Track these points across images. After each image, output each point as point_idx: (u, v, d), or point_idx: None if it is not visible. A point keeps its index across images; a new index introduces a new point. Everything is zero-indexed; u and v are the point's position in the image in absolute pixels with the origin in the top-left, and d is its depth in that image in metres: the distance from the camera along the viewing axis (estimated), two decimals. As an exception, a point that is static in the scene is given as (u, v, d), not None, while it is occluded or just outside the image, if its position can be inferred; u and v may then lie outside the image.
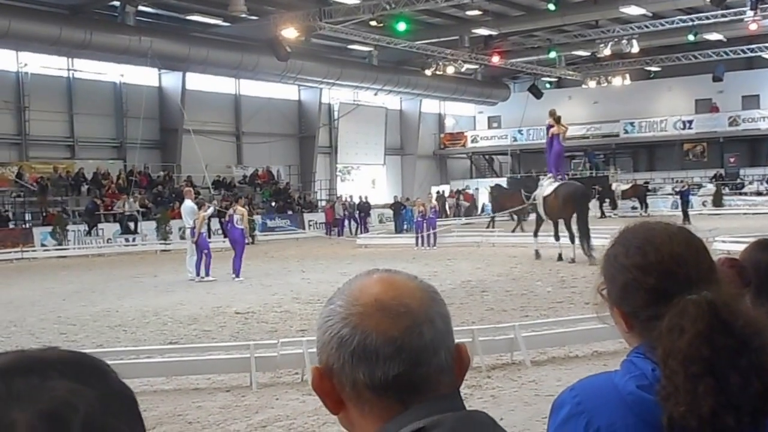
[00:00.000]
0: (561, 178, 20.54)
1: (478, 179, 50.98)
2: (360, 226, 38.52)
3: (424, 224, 27.04)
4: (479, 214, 43.41)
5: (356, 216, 39.15)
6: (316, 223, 37.96)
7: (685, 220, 28.11)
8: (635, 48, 38.73)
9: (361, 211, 39.52)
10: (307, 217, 38.34)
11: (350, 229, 37.87)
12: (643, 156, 51.27)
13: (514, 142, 51.36)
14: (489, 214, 36.47)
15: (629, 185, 42.68)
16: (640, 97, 47.89)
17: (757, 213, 36.42)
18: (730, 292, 1.52)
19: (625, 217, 32.45)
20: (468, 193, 47.22)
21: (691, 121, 47.18)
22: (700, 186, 43.72)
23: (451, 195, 46.56)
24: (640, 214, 37.22)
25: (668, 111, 48.03)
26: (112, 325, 12.37)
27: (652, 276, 1.53)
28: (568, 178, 23.62)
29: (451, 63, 41.40)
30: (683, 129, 47.24)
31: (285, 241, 32.51)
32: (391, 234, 33.48)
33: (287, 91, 42.93)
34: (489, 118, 55.02)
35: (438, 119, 54.31)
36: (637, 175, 47.90)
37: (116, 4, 32.10)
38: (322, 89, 42.88)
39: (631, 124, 48.48)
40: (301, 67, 37.53)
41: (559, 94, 50.09)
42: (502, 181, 42.90)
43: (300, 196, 40.72)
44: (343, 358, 1.11)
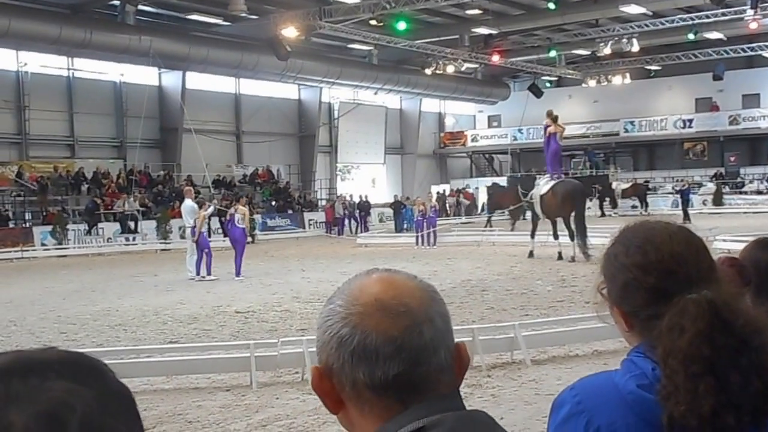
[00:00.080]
0: (557, 177, 20.55)
1: (478, 178, 50.94)
2: (360, 225, 38.53)
3: (424, 223, 27.05)
4: (479, 213, 43.40)
5: (356, 215, 39.16)
6: (316, 223, 37.99)
7: (686, 219, 28.13)
8: (635, 47, 38.74)
9: (361, 210, 39.53)
10: (307, 216, 38.35)
11: (350, 229, 37.87)
12: (644, 155, 51.27)
13: (514, 141, 51.35)
14: (488, 214, 36.45)
15: (629, 184, 42.65)
16: (641, 96, 47.88)
17: (757, 212, 36.40)
18: (731, 291, 1.51)
19: (626, 216, 32.52)
20: (468, 192, 47.24)
21: (691, 120, 47.17)
22: (701, 185, 43.70)
23: (452, 194, 46.59)
24: (641, 213, 37.20)
25: (668, 110, 48.02)
26: (112, 324, 12.37)
27: (652, 275, 1.53)
28: (564, 176, 23.60)
29: (451, 62, 41.39)
30: (683, 128, 47.24)
31: (285, 241, 32.51)
32: (391, 233, 33.48)
33: (287, 91, 42.93)
34: (489, 117, 55.00)
35: (438, 118, 54.28)
36: (638, 174, 47.90)
37: (116, 3, 32.09)
38: (322, 88, 42.88)
39: (632, 123, 48.46)
40: (301, 67, 37.54)
41: (559, 93, 50.11)
42: (502, 180, 42.90)
43: (300, 196, 40.72)
44: (343, 357, 1.11)
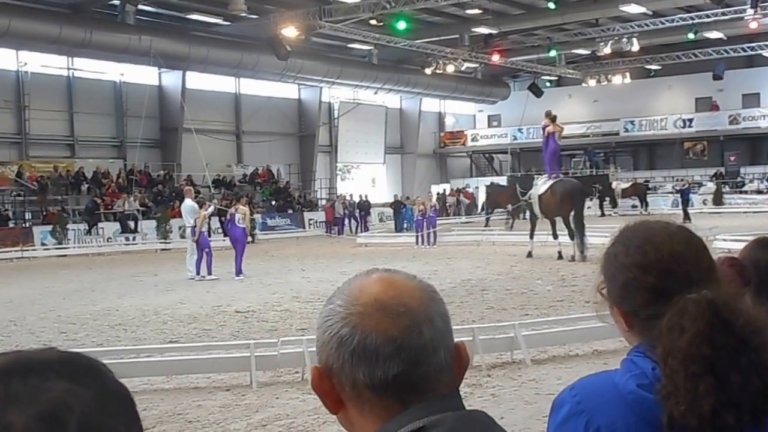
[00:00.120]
0: (556, 176, 20.55)
1: (478, 178, 50.95)
2: (360, 224, 38.52)
3: (424, 223, 27.05)
4: (479, 213, 43.41)
5: (356, 215, 39.16)
6: (316, 222, 37.99)
7: (686, 219, 28.13)
8: (635, 46, 38.75)
9: (361, 209, 39.53)
10: (307, 215, 38.35)
11: (350, 228, 37.87)
12: (644, 154, 51.27)
13: (514, 140, 51.35)
14: (486, 214, 36.49)
15: (629, 184, 42.65)
16: (641, 96, 47.88)
17: (757, 211, 36.40)
18: (730, 291, 1.51)
19: (626, 215, 32.50)
20: (468, 191, 47.24)
21: (691, 120, 47.17)
22: (701, 184, 43.70)
23: (452, 194, 46.61)
24: (641, 212, 37.21)
25: (668, 109, 48.02)
26: (112, 324, 12.37)
27: (651, 275, 1.53)
28: (563, 176, 23.61)
29: (451, 62, 41.39)
30: (683, 127, 47.24)
31: (285, 240, 32.51)
32: (391, 233, 33.48)
33: (287, 90, 42.93)
34: (489, 116, 55.00)
35: (438, 118, 54.28)
36: (638, 173, 47.91)
37: (116, 3, 32.09)
38: (322, 88, 42.88)
39: (632, 122, 48.47)
40: (301, 66, 37.54)
41: (559, 93, 50.13)
42: (502, 180, 42.91)
43: (300, 195, 40.71)
44: (343, 357, 1.11)
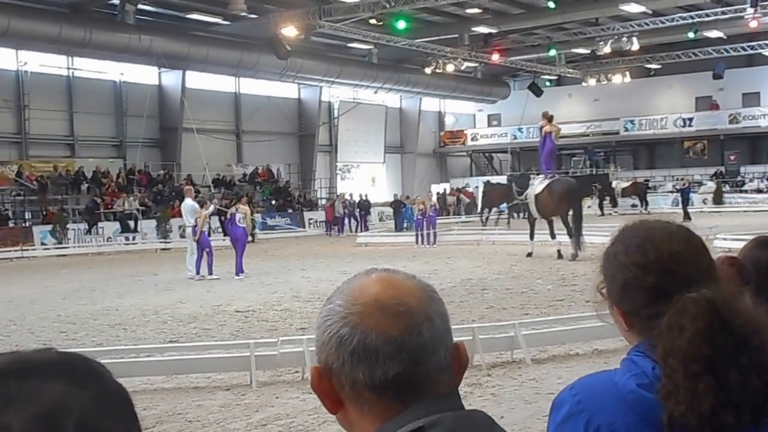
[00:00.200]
0: (552, 176, 20.54)
1: (478, 177, 50.93)
2: (360, 224, 38.51)
3: (424, 222, 27.06)
4: (479, 212, 43.40)
5: (356, 214, 39.14)
6: (316, 222, 37.98)
7: (686, 218, 28.14)
8: (635, 46, 38.74)
9: (361, 209, 39.52)
10: (307, 215, 38.35)
11: (350, 228, 37.86)
12: (644, 154, 51.27)
13: (514, 140, 51.33)
14: (480, 212, 36.53)
15: (629, 183, 42.64)
16: (641, 95, 47.88)
17: (757, 211, 36.38)
18: (730, 290, 1.51)
19: (626, 214, 32.53)
20: (468, 190, 47.23)
21: (691, 119, 47.17)
22: (701, 184, 43.69)
23: (452, 193, 46.60)
24: (641, 211, 37.20)
25: (668, 108, 48.02)
26: (112, 323, 12.37)
27: (651, 274, 1.53)
28: (559, 176, 23.62)
29: (451, 61, 41.38)
30: (683, 126, 47.24)
31: (285, 240, 32.52)
32: (391, 232, 33.48)
33: (287, 90, 42.93)
34: (489, 116, 54.98)
35: (438, 117, 54.28)
36: (638, 172, 47.89)
37: (116, 2, 32.04)
38: (321, 87, 42.87)
39: (632, 121, 48.46)
40: (300, 66, 37.53)
41: (559, 92, 50.14)
42: (502, 179, 42.91)
43: (300, 195, 40.71)
44: (343, 357, 1.11)
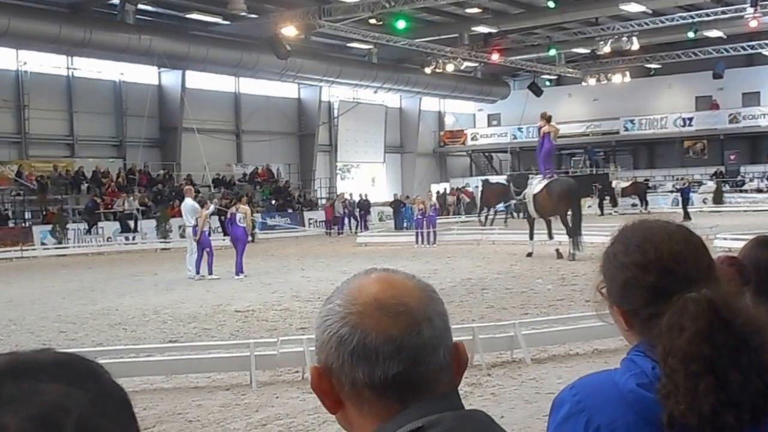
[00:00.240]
0: (550, 176, 20.55)
1: (478, 177, 50.93)
2: (360, 224, 38.50)
3: (424, 222, 27.06)
4: (479, 212, 43.42)
5: (356, 214, 39.13)
6: (316, 222, 37.97)
7: (686, 218, 28.16)
8: (635, 45, 38.74)
9: (361, 209, 39.51)
10: (307, 215, 38.35)
11: (350, 227, 37.86)
12: (644, 153, 51.26)
13: (513, 139, 51.34)
14: (478, 212, 36.56)
15: (629, 182, 42.67)
16: (640, 95, 47.88)
17: (757, 210, 36.40)
18: (730, 290, 1.51)
19: (626, 214, 32.54)
20: (468, 190, 47.25)
21: (691, 119, 47.16)
22: (701, 183, 43.69)
23: (452, 193, 46.60)
24: (641, 211, 37.22)
25: (668, 108, 48.02)
26: (112, 323, 12.36)
27: (651, 274, 1.53)
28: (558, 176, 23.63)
29: (451, 61, 41.37)
30: (683, 126, 47.25)
31: (285, 240, 32.52)
32: (391, 232, 33.48)
33: (287, 90, 42.93)
34: (489, 115, 54.98)
35: (438, 117, 54.27)
36: (638, 172, 47.90)
37: (116, 2, 32.03)
38: (321, 87, 42.87)
39: (632, 121, 48.46)
40: (300, 65, 37.53)
41: (559, 92, 50.14)
42: (502, 179, 42.93)
43: (300, 194, 40.71)
44: (343, 357, 1.11)
